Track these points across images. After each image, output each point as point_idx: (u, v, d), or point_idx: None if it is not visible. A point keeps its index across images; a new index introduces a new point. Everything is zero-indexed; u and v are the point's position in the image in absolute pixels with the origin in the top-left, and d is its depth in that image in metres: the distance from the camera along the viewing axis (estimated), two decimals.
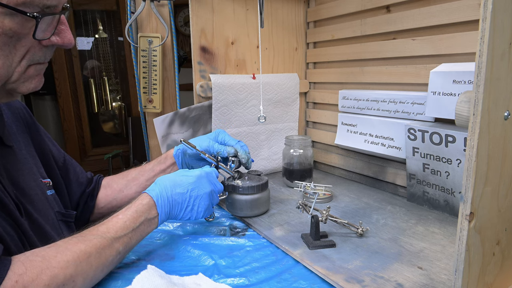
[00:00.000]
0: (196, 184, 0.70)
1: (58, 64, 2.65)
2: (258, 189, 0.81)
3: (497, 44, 0.38)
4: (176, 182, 0.68)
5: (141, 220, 0.62)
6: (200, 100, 1.03)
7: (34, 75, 0.52)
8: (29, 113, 0.73)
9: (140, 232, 0.62)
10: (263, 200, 0.83)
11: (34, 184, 0.63)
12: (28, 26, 0.47)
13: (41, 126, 0.75)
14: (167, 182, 0.68)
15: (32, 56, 0.50)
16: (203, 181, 0.71)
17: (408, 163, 0.86)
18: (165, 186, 0.67)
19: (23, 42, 0.48)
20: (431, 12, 0.81)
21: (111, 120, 2.92)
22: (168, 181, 0.68)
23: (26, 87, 0.52)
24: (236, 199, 0.81)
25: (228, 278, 0.60)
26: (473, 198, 0.41)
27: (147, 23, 1.02)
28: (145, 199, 0.65)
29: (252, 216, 0.83)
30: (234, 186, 0.81)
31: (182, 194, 0.68)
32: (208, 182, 0.72)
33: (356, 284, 0.57)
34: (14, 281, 0.44)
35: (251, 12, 1.07)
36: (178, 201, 0.68)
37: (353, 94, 1.03)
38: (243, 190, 0.80)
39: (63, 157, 0.77)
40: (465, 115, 0.42)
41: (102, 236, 0.55)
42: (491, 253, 0.47)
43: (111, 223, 0.59)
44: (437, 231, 0.74)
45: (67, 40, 0.52)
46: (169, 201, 0.66)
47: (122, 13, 2.75)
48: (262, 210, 0.84)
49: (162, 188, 0.67)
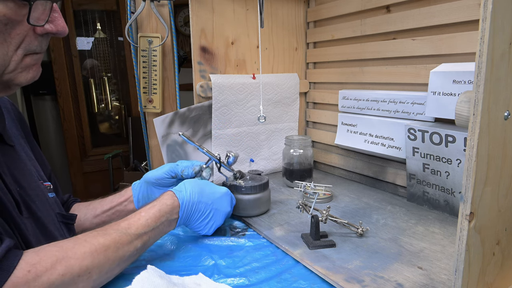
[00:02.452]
0: (221, 200, 0.72)
1: (58, 64, 2.65)
2: (261, 189, 0.82)
3: (497, 44, 0.38)
4: (204, 191, 0.69)
5: (162, 220, 0.62)
6: (200, 100, 1.03)
7: (31, 64, 0.51)
8: (18, 109, 0.73)
9: (159, 232, 0.62)
10: (265, 199, 0.84)
11: (35, 184, 0.62)
12: (22, 13, 0.47)
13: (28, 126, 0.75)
14: (196, 188, 0.68)
15: (28, 45, 0.50)
16: (227, 199, 0.74)
17: (408, 163, 0.86)
18: (193, 192, 0.67)
19: (18, 30, 0.48)
20: (431, 12, 0.81)
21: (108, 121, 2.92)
22: (198, 187, 0.69)
23: (24, 77, 0.51)
24: (239, 199, 0.81)
25: (228, 278, 0.60)
26: (473, 198, 0.41)
27: (147, 23, 1.02)
28: (170, 200, 0.64)
29: (254, 216, 0.83)
30: (236, 186, 0.81)
31: (206, 205, 0.69)
32: (229, 202, 0.74)
33: (356, 284, 0.57)
34: (27, 270, 0.44)
35: (251, 12, 1.07)
36: (200, 209, 0.68)
37: (353, 94, 1.02)
38: (246, 190, 0.81)
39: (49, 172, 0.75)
40: (465, 115, 0.42)
41: (122, 231, 0.55)
42: (491, 253, 0.47)
43: (133, 220, 0.59)
44: (437, 231, 0.74)
45: (61, 27, 0.52)
46: (192, 207, 0.67)
47: (122, 13, 2.75)
48: (264, 209, 0.85)
49: (191, 192, 0.67)
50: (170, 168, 0.80)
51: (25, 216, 0.56)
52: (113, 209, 0.79)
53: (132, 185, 0.81)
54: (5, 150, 0.59)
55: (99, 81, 2.83)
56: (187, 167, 0.79)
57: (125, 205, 0.80)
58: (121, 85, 2.92)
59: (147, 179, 0.80)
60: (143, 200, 0.81)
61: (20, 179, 0.59)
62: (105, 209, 0.79)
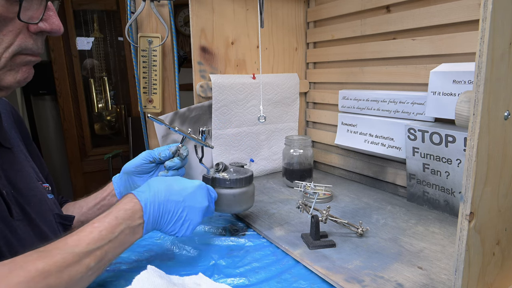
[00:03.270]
0: (195, 195, 0.63)
1: (58, 64, 2.65)
2: (246, 182, 0.74)
3: (497, 44, 0.38)
4: (173, 188, 0.61)
5: (121, 228, 0.53)
6: (200, 100, 1.03)
7: (21, 64, 0.50)
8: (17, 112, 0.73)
9: (119, 243, 0.53)
10: (250, 193, 0.76)
11: (33, 185, 0.62)
12: (13, 11, 0.46)
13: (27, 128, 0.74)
14: (162, 186, 0.60)
15: (22, 43, 0.49)
16: (202, 193, 0.64)
17: (408, 163, 0.86)
18: (158, 190, 0.59)
19: (10, 27, 0.47)
20: (431, 12, 0.81)
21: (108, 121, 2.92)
22: (164, 184, 0.61)
23: (13, 77, 0.50)
24: (222, 193, 0.72)
25: (228, 278, 0.60)
26: (473, 198, 0.41)
27: (147, 23, 1.02)
28: (129, 203, 0.56)
29: (239, 212, 0.78)
30: (219, 180, 0.72)
31: (177, 203, 0.60)
32: (205, 196, 0.65)
33: (356, 284, 0.57)
34: None
35: (251, 12, 1.07)
36: (170, 210, 0.59)
37: (353, 94, 1.02)
38: (230, 183, 0.72)
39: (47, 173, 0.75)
40: (465, 115, 0.42)
41: (68, 250, 0.46)
42: (491, 253, 0.47)
43: (84, 234, 0.50)
44: (437, 231, 0.74)
45: (55, 26, 0.51)
46: (159, 208, 0.58)
47: (122, 13, 2.75)
48: (249, 205, 0.78)
49: (155, 191, 0.59)
50: (147, 154, 0.78)
51: (17, 218, 0.55)
52: (98, 205, 0.78)
53: (112, 179, 0.80)
54: (1, 153, 0.59)
55: (99, 81, 2.83)
56: (164, 149, 0.78)
57: (108, 199, 0.79)
58: (121, 85, 2.91)
59: (126, 169, 0.78)
60: (125, 191, 0.79)
61: (16, 181, 0.58)
62: (90, 206, 0.78)
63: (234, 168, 0.77)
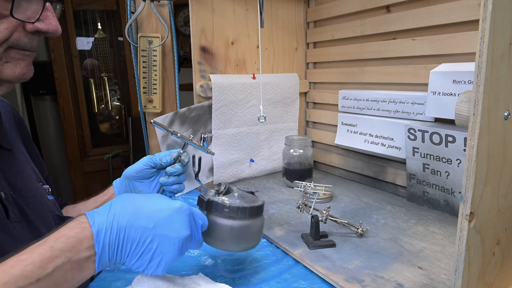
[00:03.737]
0: (171, 220, 0.47)
1: (58, 64, 2.65)
2: (252, 213, 0.55)
3: (497, 44, 0.38)
4: (142, 209, 0.46)
5: (58, 263, 0.40)
6: (200, 100, 1.03)
7: (17, 58, 0.50)
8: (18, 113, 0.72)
9: (54, 283, 0.40)
10: (255, 229, 0.57)
11: (33, 186, 0.62)
12: (7, 7, 0.46)
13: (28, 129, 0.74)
14: (127, 206, 0.46)
15: (16, 40, 0.49)
16: (182, 218, 0.48)
17: (408, 163, 0.86)
18: (121, 211, 0.45)
19: (5, 24, 0.47)
20: (431, 12, 0.81)
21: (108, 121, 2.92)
22: (131, 204, 0.47)
23: (12, 71, 0.49)
24: (217, 224, 0.54)
25: (228, 278, 0.60)
26: (473, 198, 0.41)
27: (147, 23, 1.02)
28: (75, 228, 0.43)
29: (237, 252, 0.63)
30: (217, 205, 0.54)
31: (145, 230, 0.45)
32: (188, 222, 0.49)
33: (356, 284, 0.57)
34: None
35: (251, 12, 1.07)
36: (135, 238, 0.45)
37: (353, 94, 1.03)
38: (230, 211, 0.54)
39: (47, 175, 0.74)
40: (465, 115, 0.42)
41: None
42: (491, 253, 0.47)
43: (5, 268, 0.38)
44: (437, 231, 0.74)
45: (52, 26, 0.50)
46: (119, 235, 0.44)
47: (122, 13, 2.75)
48: (252, 243, 0.58)
49: (116, 213, 0.45)
50: (148, 159, 0.76)
51: (14, 220, 0.55)
52: None
53: (113, 183, 0.79)
54: (1, 154, 0.59)
55: (99, 81, 2.83)
56: (165, 155, 0.76)
57: None
58: (121, 85, 2.91)
59: (127, 174, 0.76)
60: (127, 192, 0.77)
61: (15, 182, 0.58)
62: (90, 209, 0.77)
63: (240, 192, 0.59)
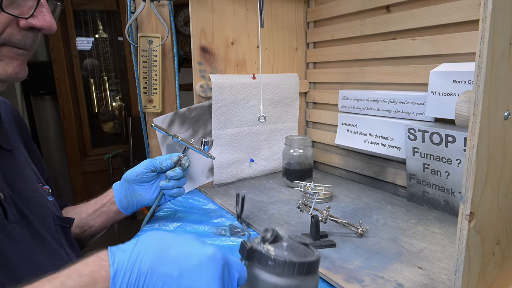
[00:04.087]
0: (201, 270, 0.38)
1: (58, 64, 2.65)
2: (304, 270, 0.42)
3: (497, 44, 0.38)
4: (168, 252, 0.38)
5: None
6: (200, 100, 1.03)
7: (9, 56, 0.48)
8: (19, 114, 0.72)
9: None
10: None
11: (33, 187, 0.62)
12: None
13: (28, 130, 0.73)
14: (152, 245, 0.38)
15: (8, 36, 0.47)
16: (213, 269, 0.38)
17: (408, 163, 0.86)
18: (145, 250, 0.37)
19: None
20: (431, 12, 0.81)
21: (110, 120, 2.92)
22: (157, 244, 0.38)
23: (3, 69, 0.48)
24: (258, 278, 0.43)
25: None
26: (473, 198, 0.41)
27: (147, 23, 1.02)
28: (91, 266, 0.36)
29: None
30: (261, 255, 0.44)
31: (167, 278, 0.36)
32: (220, 275, 0.38)
33: (356, 284, 0.57)
34: None
35: (251, 12, 1.07)
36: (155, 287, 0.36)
37: (353, 94, 1.03)
38: (276, 266, 0.42)
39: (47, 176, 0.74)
40: (465, 115, 0.42)
41: None
42: (491, 253, 0.47)
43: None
44: (437, 231, 0.74)
45: (46, 22, 0.48)
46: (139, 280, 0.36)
47: (122, 13, 2.75)
48: None
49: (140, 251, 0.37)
50: (148, 162, 0.77)
51: (13, 221, 0.55)
52: (97, 211, 0.78)
53: (113, 186, 0.79)
54: (1, 155, 0.59)
55: (99, 81, 2.83)
56: (165, 158, 0.77)
57: (108, 206, 0.78)
58: (121, 85, 2.92)
59: (127, 177, 0.78)
60: (125, 199, 0.78)
61: (15, 183, 0.58)
62: (90, 212, 0.78)
63: (291, 243, 0.46)
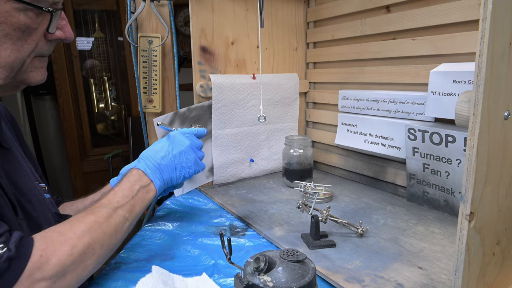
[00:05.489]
0: (173, 143, 0.74)
1: (58, 64, 2.64)
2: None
3: (497, 44, 0.38)
4: (156, 150, 0.72)
5: (137, 188, 0.66)
6: (200, 100, 1.03)
7: (39, 66, 0.56)
8: (10, 112, 0.74)
9: (140, 199, 0.66)
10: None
11: (32, 185, 0.63)
12: (38, 21, 0.51)
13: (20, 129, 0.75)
14: (149, 153, 0.72)
15: (39, 49, 0.54)
16: (177, 138, 0.75)
17: (408, 163, 0.86)
18: (148, 156, 0.71)
19: (33, 36, 0.51)
20: (431, 12, 0.81)
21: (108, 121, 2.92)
22: (150, 151, 0.72)
23: (34, 78, 0.55)
24: None
25: (228, 278, 0.60)
26: (473, 198, 0.41)
27: (147, 23, 1.02)
28: (134, 171, 0.69)
29: None
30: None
31: (165, 157, 0.72)
32: (183, 137, 0.76)
33: (356, 284, 0.57)
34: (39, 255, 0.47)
35: (251, 12, 1.07)
36: (166, 164, 0.71)
37: (353, 94, 1.03)
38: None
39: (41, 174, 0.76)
40: (465, 115, 0.42)
41: (106, 206, 0.60)
42: (491, 253, 0.47)
43: (111, 196, 0.63)
44: (437, 231, 0.74)
45: (69, 34, 0.57)
46: (156, 167, 0.70)
47: (122, 13, 2.75)
48: None
49: (145, 158, 0.71)
50: None
51: (20, 217, 0.56)
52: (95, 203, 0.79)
53: (110, 181, 0.83)
54: (1, 153, 0.60)
55: (99, 81, 2.83)
56: None
57: None
58: (121, 85, 2.91)
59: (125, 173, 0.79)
60: None
61: (16, 180, 0.59)
62: (87, 204, 0.80)
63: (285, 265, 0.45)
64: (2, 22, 0.47)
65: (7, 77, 0.51)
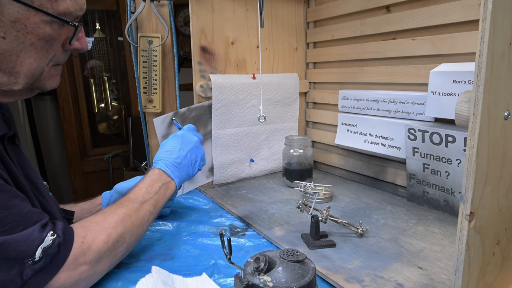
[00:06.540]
0: (183, 141, 0.79)
1: None
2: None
3: (497, 44, 0.38)
4: (169, 150, 0.77)
5: (159, 185, 0.72)
6: (200, 100, 1.03)
7: (54, 74, 0.60)
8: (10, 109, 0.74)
9: (162, 194, 0.71)
10: None
11: (41, 181, 0.64)
12: (60, 32, 0.55)
13: None
14: (163, 154, 0.77)
15: (57, 58, 0.58)
16: (186, 135, 0.81)
17: (408, 163, 0.86)
18: (163, 157, 0.76)
19: (54, 47, 0.55)
20: (431, 12, 0.81)
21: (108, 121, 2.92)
22: (163, 153, 0.77)
23: (50, 84, 0.59)
24: None
25: (228, 278, 0.60)
26: (473, 198, 0.41)
27: (147, 23, 1.02)
28: (155, 171, 0.74)
29: None
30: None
31: (180, 155, 0.77)
32: (191, 134, 0.81)
33: (356, 284, 0.57)
34: (80, 242, 0.53)
35: (251, 12, 1.07)
36: (181, 162, 0.77)
37: (353, 94, 1.03)
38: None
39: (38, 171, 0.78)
40: (465, 115, 0.42)
41: (133, 201, 0.66)
42: (491, 253, 0.47)
43: (136, 191, 0.69)
44: (437, 231, 0.74)
45: (85, 45, 0.62)
46: (174, 165, 0.75)
47: (122, 13, 2.75)
48: None
49: (163, 159, 0.76)
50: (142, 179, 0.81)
51: None
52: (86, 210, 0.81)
53: (102, 194, 0.84)
54: (16, 150, 0.61)
55: (99, 81, 2.83)
56: None
57: (98, 209, 0.81)
58: (121, 85, 2.91)
59: (118, 189, 0.82)
60: None
61: (31, 177, 0.61)
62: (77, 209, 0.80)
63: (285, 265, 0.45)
64: (30, 33, 0.51)
65: (27, 83, 0.54)
